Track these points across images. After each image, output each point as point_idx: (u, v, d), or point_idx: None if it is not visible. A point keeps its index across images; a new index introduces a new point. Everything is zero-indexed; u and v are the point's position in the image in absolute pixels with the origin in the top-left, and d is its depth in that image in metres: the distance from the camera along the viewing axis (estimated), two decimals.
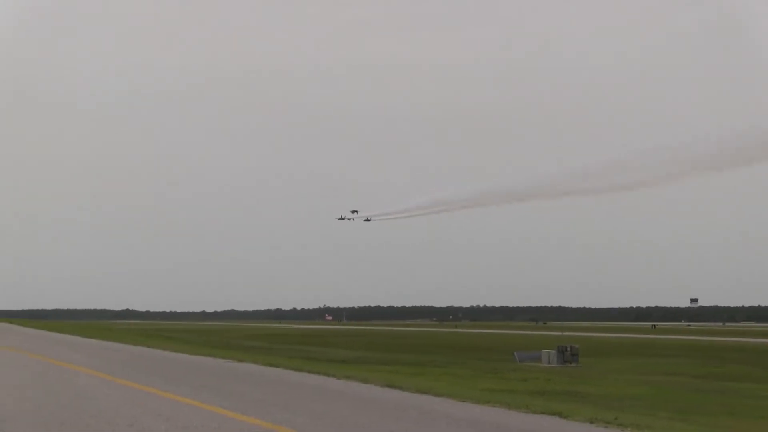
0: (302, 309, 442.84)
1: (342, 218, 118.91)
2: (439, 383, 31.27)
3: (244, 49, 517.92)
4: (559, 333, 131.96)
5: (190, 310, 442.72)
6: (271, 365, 38.27)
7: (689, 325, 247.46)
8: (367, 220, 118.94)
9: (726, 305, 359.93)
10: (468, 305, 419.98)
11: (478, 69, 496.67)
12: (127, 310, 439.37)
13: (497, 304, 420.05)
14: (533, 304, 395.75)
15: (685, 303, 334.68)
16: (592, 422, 20.01)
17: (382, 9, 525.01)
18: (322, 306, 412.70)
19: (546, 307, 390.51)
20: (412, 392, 26.26)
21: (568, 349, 64.86)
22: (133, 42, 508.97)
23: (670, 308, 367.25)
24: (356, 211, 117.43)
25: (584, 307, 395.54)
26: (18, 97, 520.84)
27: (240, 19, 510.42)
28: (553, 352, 64.60)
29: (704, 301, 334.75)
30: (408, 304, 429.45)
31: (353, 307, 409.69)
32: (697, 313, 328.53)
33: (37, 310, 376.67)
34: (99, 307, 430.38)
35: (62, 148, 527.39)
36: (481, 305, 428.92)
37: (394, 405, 22.93)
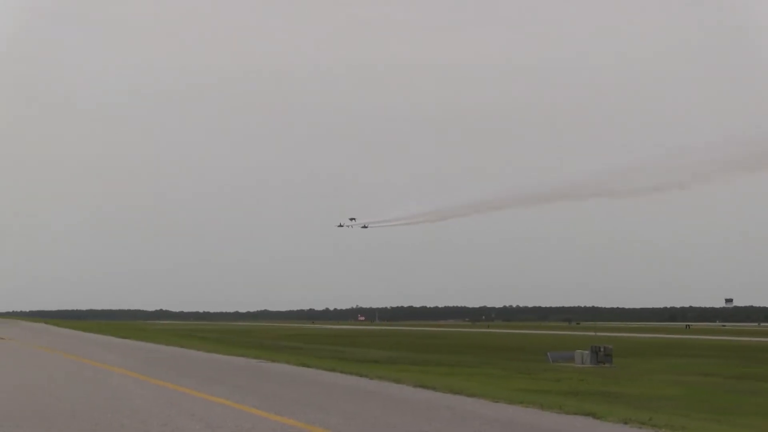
0: (335, 309, 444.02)
1: (341, 225, 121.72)
2: (472, 383, 31.22)
3: (244, 49, 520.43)
4: (593, 333, 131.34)
5: (224, 310, 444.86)
6: (304, 365, 38.33)
7: (724, 326, 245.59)
8: (364, 227, 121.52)
9: (762, 305, 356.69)
10: (501, 305, 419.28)
11: (478, 69, 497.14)
12: (161, 310, 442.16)
13: (530, 305, 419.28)
14: (566, 305, 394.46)
15: (719, 303, 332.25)
16: (626, 423, 19.91)
17: (382, 9, 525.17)
18: (354, 306, 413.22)
19: (579, 307, 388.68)
20: (444, 392, 26.22)
21: (602, 349, 64.48)
22: (133, 42, 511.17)
23: (705, 308, 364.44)
24: (354, 219, 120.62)
25: (618, 308, 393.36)
26: (18, 97, 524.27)
27: (240, 19, 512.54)
28: (587, 352, 64.25)
29: (739, 302, 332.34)
30: (440, 305, 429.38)
31: (386, 308, 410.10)
32: (732, 314, 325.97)
33: (72, 311, 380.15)
34: (133, 307, 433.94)
35: (62, 148, 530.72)
36: (514, 305, 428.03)
37: (427, 405, 22.91)
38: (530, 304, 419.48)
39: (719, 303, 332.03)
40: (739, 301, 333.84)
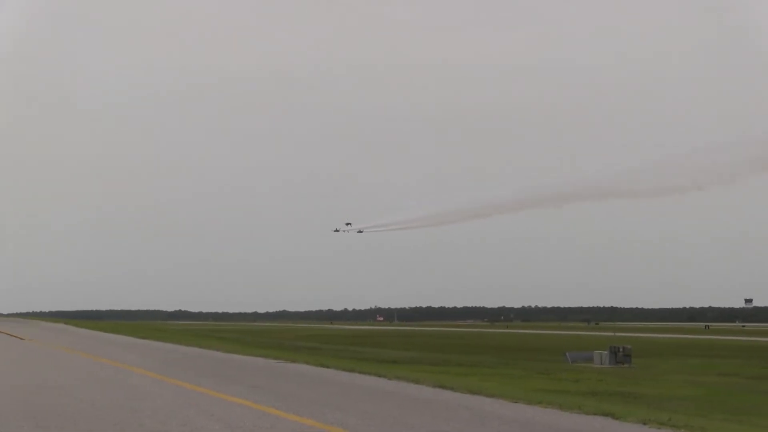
0: (353, 310, 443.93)
1: (337, 230, 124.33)
2: (490, 384, 31.19)
3: (244, 49, 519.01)
4: (612, 333, 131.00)
5: (242, 311, 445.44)
6: (322, 366, 38.37)
7: (743, 326, 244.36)
8: (360, 231, 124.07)
9: None
10: (519, 306, 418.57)
11: (478, 69, 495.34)
12: (180, 310, 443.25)
13: (549, 305, 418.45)
14: (585, 305, 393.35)
15: (739, 303, 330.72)
16: (645, 423, 19.85)
17: (382, 9, 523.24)
18: (373, 307, 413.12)
19: (598, 307, 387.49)
20: (462, 393, 26.21)
21: (621, 349, 64.35)
22: (133, 42, 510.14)
23: (724, 309, 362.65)
24: (350, 224, 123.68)
25: (637, 308, 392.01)
26: (18, 97, 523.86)
27: (240, 19, 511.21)
28: (606, 352, 64.13)
29: (759, 302, 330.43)
30: (459, 305, 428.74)
31: (404, 308, 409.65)
32: (751, 314, 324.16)
33: (92, 311, 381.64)
34: (152, 308, 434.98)
35: (62, 148, 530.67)
36: (533, 306, 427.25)
37: (445, 405, 22.91)
38: (549, 305, 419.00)
39: (739, 303, 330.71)
40: (759, 302, 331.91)
